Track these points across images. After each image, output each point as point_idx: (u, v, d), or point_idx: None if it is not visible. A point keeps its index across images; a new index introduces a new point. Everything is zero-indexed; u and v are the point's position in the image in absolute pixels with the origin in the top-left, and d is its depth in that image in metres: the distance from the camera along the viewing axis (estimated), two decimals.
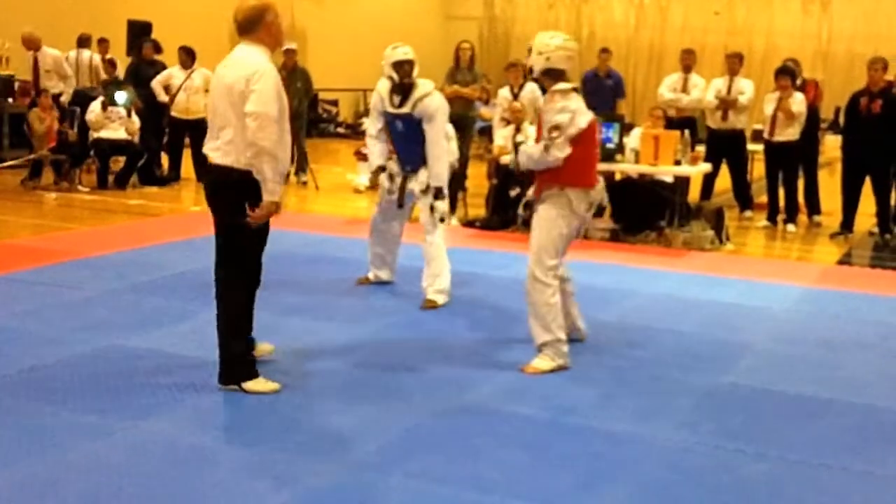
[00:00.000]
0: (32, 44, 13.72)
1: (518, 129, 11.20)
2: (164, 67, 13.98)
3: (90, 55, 14.42)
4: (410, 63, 7.17)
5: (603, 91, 13.47)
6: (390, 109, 7.31)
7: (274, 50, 5.27)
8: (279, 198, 5.13)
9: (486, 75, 14.31)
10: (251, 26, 5.18)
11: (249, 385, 5.24)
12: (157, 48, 14.56)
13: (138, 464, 4.33)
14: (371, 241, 7.78)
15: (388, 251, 7.80)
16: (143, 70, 13.74)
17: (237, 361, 5.28)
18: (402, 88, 7.22)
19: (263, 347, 5.72)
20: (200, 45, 14.09)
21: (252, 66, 5.05)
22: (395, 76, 7.21)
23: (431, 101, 7.20)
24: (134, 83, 13.47)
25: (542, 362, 5.80)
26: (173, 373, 5.53)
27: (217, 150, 5.15)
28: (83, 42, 14.58)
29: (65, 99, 13.93)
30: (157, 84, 13.60)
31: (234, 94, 5.02)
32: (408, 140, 7.35)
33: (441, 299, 7.25)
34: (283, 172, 6.43)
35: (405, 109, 7.22)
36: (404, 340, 6.41)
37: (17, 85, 14.56)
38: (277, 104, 5.04)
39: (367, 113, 22.03)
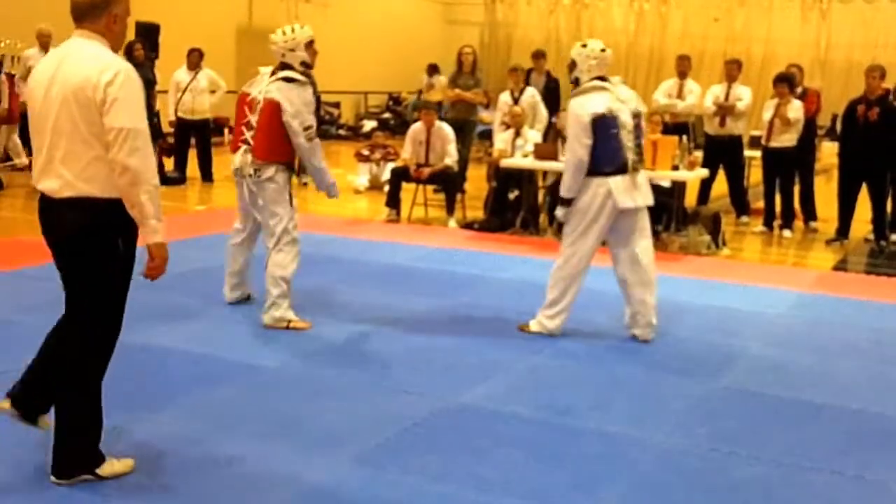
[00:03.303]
0: (43, 39, 13.76)
1: (518, 133, 11.29)
2: (151, 70, 14.04)
3: None
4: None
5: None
6: None
7: (115, 51, 4.08)
8: (164, 236, 4.07)
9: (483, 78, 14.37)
10: (92, 12, 3.97)
11: (105, 469, 4.17)
12: (152, 50, 14.60)
13: (140, 459, 4.36)
14: None
15: None
16: None
17: (93, 446, 4.17)
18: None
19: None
20: (207, 46, 14.18)
21: (105, 64, 3.89)
22: None
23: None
24: None
25: None
26: (176, 369, 5.59)
27: (68, 180, 3.94)
28: None
29: None
30: (171, 96, 13.73)
31: (80, 102, 3.87)
32: None
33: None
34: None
35: None
36: (402, 340, 6.45)
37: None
38: (145, 114, 4.03)
39: (367, 115, 22.21)
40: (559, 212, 6.61)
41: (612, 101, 6.41)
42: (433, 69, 19.35)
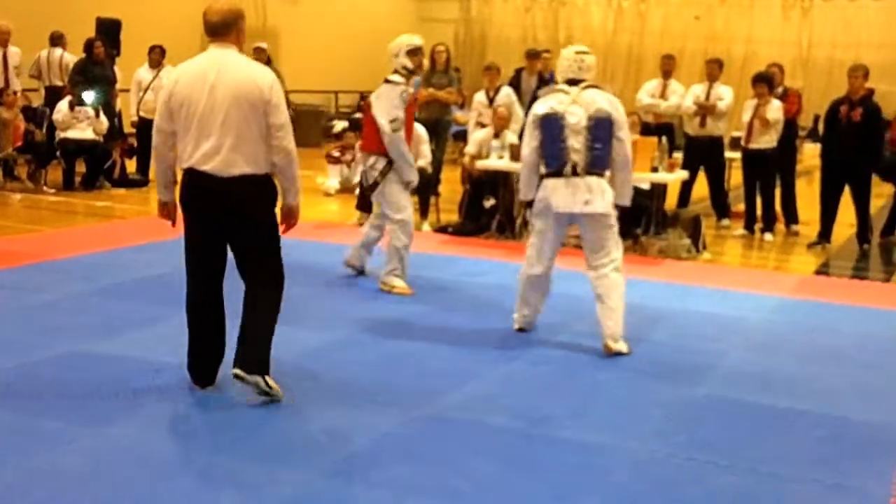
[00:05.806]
0: (2, 35, 13.50)
1: (497, 135, 11.12)
2: (112, 68, 13.81)
3: (61, 53, 14.20)
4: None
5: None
6: None
7: None
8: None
9: (458, 70, 14.25)
10: (226, 29, 5.08)
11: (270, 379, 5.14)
12: (113, 47, 14.43)
13: (101, 471, 4.26)
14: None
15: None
16: (89, 70, 13.36)
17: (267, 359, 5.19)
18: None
19: None
20: (170, 43, 13.91)
21: (264, 73, 5.05)
22: None
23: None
24: (81, 83, 13.14)
25: None
26: (138, 378, 5.43)
27: (238, 162, 4.98)
28: (56, 40, 14.33)
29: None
30: (133, 95, 13.49)
31: (251, 102, 4.94)
32: None
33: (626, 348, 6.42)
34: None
35: None
36: (373, 347, 6.32)
37: None
38: None
39: (338, 115, 21.97)
40: (527, 213, 6.79)
41: (560, 103, 6.37)
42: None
